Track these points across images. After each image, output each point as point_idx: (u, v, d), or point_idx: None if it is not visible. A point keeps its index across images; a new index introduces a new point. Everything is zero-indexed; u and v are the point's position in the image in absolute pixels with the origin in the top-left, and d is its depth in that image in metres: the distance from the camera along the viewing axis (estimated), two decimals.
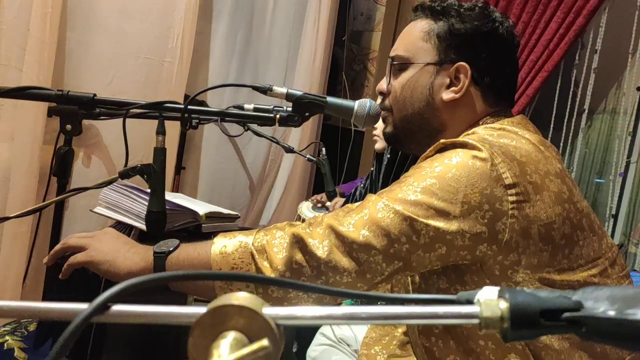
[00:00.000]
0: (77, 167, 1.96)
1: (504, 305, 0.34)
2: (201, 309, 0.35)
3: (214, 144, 2.57)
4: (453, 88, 0.97)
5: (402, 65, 1.01)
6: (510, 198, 0.78)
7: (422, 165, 0.86)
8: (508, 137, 0.88)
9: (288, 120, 1.14)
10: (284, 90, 1.14)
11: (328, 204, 2.11)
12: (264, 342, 0.33)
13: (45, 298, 1.33)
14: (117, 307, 0.36)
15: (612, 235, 2.44)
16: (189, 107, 1.15)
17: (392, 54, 1.04)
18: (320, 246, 0.81)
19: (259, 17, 2.65)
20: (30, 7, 1.71)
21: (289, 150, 2.15)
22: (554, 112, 2.53)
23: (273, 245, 0.83)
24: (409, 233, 0.79)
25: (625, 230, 2.42)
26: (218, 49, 2.51)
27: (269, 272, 0.82)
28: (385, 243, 0.79)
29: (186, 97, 2.22)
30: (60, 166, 1.26)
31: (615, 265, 0.87)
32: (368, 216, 0.81)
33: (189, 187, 2.52)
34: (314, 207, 2.14)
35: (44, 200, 1.84)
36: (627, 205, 2.42)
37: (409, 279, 0.95)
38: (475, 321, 0.34)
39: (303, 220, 2.08)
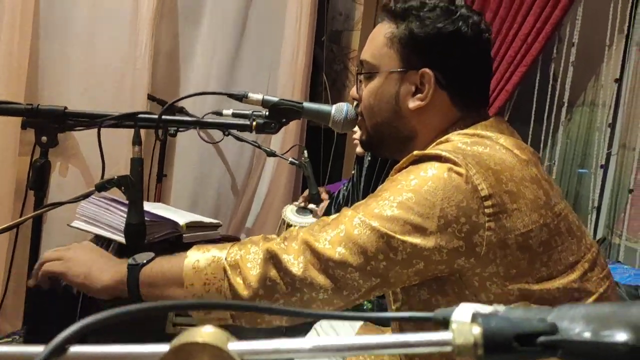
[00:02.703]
0: (55, 179, 1.93)
1: (477, 330, 0.33)
2: (164, 347, 0.34)
3: (196, 150, 2.54)
4: (419, 95, 0.94)
5: (368, 73, 0.99)
6: (487, 210, 0.77)
7: (397, 178, 0.84)
8: (482, 143, 0.86)
9: (265, 127, 1.12)
10: (259, 96, 1.12)
11: (312, 206, 2.09)
12: None
13: (26, 315, 1.30)
14: (75, 349, 0.34)
15: (595, 228, 2.45)
16: (164, 117, 1.13)
17: (361, 57, 1.01)
18: (296, 262, 0.79)
19: (238, 19, 2.62)
20: None
21: (271, 154, 2.13)
22: (534, 107, 2.55)
23: (247, 261, 0.82)
24: (385, 250, 0.78)
25: (608, 222, 2.44)
26: (198, 52, 2.47)
27: (242, 289, 0.80)
28: (362, 261, 0.78)
29: (161, 102, 2.19)
30: (37, 179, 1.23)
31: (595, 266, 0.86)
32: (344, 233, 0.80)
33: (171, 195, 2.48)
34: (298, 211, 2.12)
35: (21, 214, 1.80)
36: (609, 197, 2.44)
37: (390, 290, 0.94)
38: (449, 348, 0.33)
39: (288, 225, 2.07)
